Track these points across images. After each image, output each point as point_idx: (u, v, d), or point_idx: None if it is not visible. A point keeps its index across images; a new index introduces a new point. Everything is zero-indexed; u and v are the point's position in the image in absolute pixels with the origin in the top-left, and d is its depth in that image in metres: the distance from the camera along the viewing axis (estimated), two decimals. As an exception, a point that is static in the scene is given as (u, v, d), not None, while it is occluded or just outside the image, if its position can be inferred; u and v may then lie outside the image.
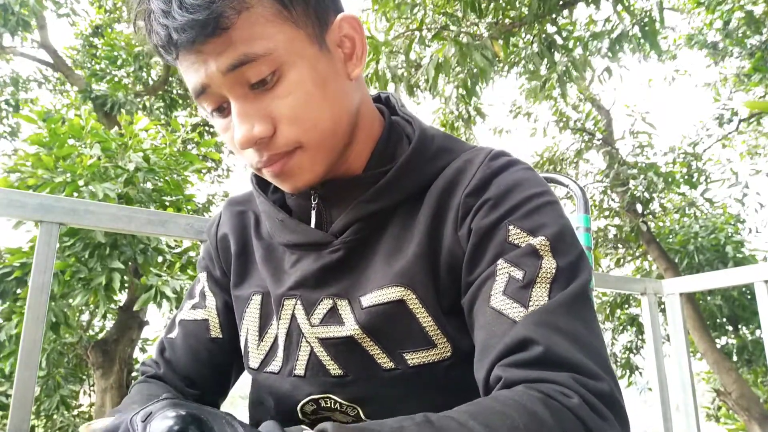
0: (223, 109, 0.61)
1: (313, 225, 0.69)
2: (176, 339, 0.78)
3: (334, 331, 0.64)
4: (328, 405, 0.66)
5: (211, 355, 0.77)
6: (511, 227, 0.59)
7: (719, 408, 7.08)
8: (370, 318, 0.62)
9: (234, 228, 0.78)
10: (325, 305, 0.66)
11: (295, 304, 0.68)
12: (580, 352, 0.51)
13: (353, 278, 0.65)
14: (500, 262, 0.58)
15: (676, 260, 7.17)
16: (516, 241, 0.58)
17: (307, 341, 0.66)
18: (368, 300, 0.63)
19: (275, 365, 0.70)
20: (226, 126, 0.62)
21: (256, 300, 0.73)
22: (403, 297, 0.62)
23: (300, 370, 0.67)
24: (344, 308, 0.65)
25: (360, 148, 0.68)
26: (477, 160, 0.65)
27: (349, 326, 0.63)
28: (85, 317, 6.43)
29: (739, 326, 7.53)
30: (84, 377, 6.40)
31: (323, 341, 0.65)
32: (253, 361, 0.72)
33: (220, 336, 0.77)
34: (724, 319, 7.43)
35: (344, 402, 0.65)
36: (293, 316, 0.68)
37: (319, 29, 0.61)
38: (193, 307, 0.80)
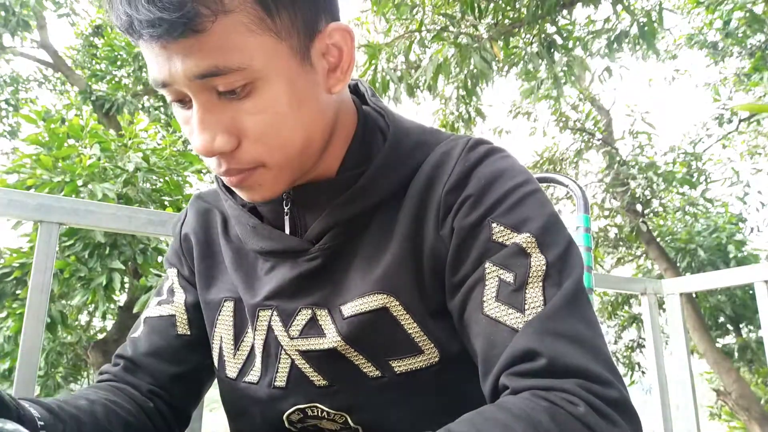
0: (184, 102, 0.56)
1: (287, 231, 0.65)
2: (140, 337, 0.72)
3: (315, 344, 0.61)
4: (315, 413, 0.64)
5: (177, 354, 0.72)
6: (494, 225, 0.57)
7: (722, 407, 7.08)
8: (353, 328, 0.60)
9: (197, 228, 0.74)
10: (303, 316, 0.63)
11: (272, 315, 0.64)
12: (585, 356, 0.49)
13: (332, 286, 0.62)
14: (488, 265, 0.56)
15: (677, 260, 7.17)
16: (501, 240, 0.56)
17: (287, 353, 0.63)
18: (349, 309, 0.60)
19: (254, 376, 0.66)
20: (187, 119, 0.56)
21: (229, 307, 0.69)
22: (386, 304, 0.59)
23: (281, 381, 0.64)
24: (324, 318, 0.62)
25: (334, 150, 0.64)
26: (455, 152, 0.62)
27: (331, 338, 0.60)
28: (85, 317, 6.42)
29: (741, 326, 7.54)
30: (84, 377, 6.40)
31: (304, 353, 0.62)
32: (231, 370, 0.69)
33: (188, 333, 0.72)
34: (726, 319, 7.44)
35: (331, 410, 0.63)
36: (270, 328, 0.64)
37: (305, 39, 0.55)
38: (160, 303, 0.75)
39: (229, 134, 0.54)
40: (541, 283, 0.54)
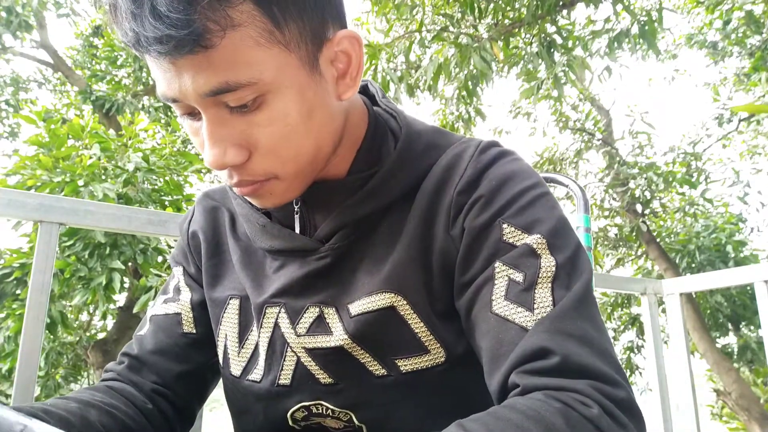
0: (194, 115, 0.56)
1: (297, 230, 0.66)
2: (146, 335, 0.73)
3: (321, 341, 0.62)
4: (320, 411, 0.64)
5: (183, 352, 0.72)
6: (504, 225, 0.57)
7: (723, 407, 7.08)
8: (360, 326, 0.60)
9: (205, 226, 0.74)
10: (311, 314, 0.63)
11: (279, 312, 0.65)
12: (594, 356, 0.50)
13: (341, 285, 0.63)
14: (497, 264, 0.56)
15: (677, 260, 7.17)
16: (511, 240, 0.57)
17: (293, 351, 0.64)
18: (357, 308, 0.61)
19: (256, 374, 0.67)
20: (197, 130, 0.56)
21: (234, 305, 0.69)
22: (394, 303, 0.60)
23: (285, 379, 0.64)
24: (332, 317, 0.62)
25: (344, 152, 0.64)
26: (466, 154, 0.63)
27: (338, 336, 0.61)
28: (85, 317, 6.43)
29: (741, 326, 7.54)
30: (84, 377, 6.41)
31: (311, 351, 0.63)
32: (235, 368, 0.69)
33: (194, 332, 0.72)
34: (726, 319, 7.44)
35: (336, 408, 0.63)
36: (276, 325, 0.65)
37: (313, 48, 0.54)
38: (166, 301, 0.75)
39: (240, 147, 0.54)
40: (550, 284, 0.54)
